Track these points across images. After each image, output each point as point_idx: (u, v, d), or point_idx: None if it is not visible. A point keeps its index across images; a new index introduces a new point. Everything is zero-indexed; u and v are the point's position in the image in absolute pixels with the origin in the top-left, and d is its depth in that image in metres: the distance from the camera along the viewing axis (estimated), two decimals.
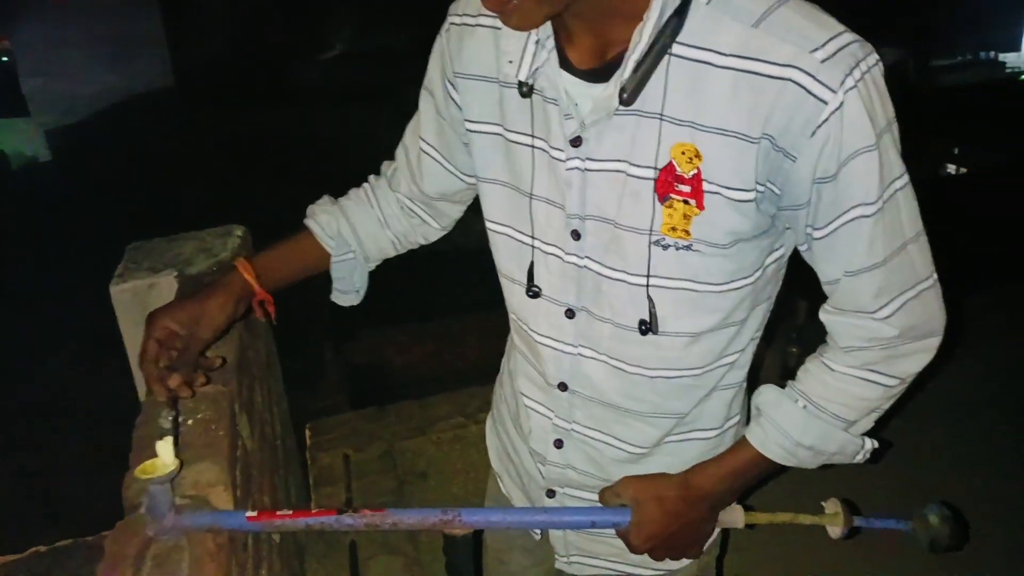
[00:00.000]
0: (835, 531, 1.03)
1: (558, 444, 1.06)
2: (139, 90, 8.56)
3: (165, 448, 0.91)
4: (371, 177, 1.20)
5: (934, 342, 0.89)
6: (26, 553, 2.06)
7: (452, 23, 0.97)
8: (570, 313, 0.96)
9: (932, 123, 4.66)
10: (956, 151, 4.80)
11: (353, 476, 2.53)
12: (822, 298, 0.91)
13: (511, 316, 1.08)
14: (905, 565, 2.05)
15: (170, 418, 0.94)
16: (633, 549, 0.99)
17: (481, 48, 0.93)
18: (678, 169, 0.80)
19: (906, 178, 0.81)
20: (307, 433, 2.67)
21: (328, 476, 2.53)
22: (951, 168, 4.82)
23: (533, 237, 0.96)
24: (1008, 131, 4.78)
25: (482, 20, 0.93)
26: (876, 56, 0.76)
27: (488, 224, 1.02)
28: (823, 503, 1.05)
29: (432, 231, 1.20)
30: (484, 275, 1.13)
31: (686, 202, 0.81)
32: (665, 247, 0.84)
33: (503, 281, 1.05)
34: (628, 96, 0.78)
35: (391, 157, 1.19)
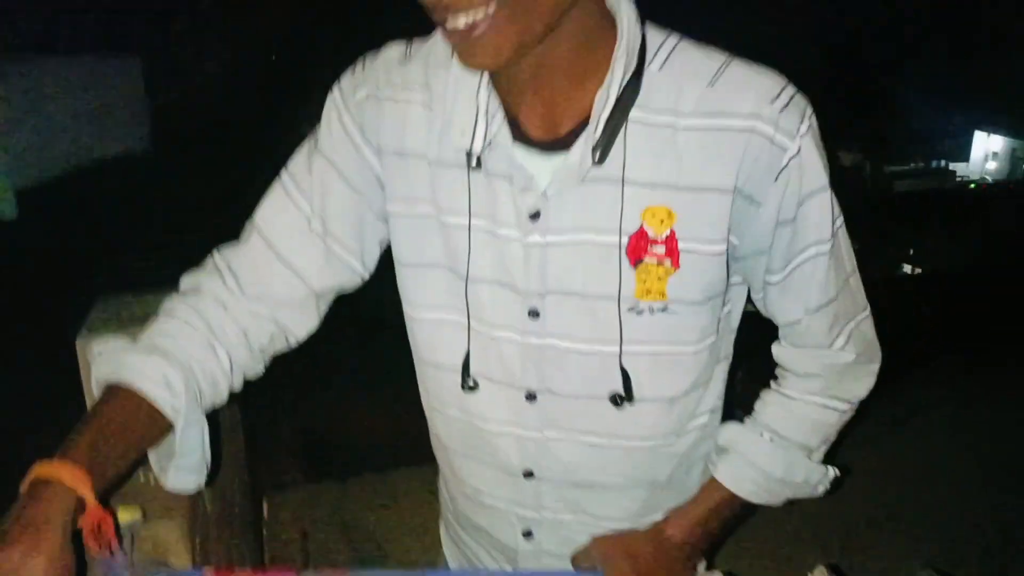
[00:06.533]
0: None
1: (527, 534, 1.02)
2: (115, 153, 8.58)
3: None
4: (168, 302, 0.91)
5: (876, 367, 0.96)
6: None
7: (371, 94, 0.87)
8: (531, 397, 0.91)
9: (888, 225, 4.90)
10: (911, 252, 5.06)
11: (311, 553, 2.45)
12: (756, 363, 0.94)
13: (447, 413, 0.98)
14: None
15: None
16: None
17: (412, 124, 0.86)
18: (650, 232, 0.81)
19: (842, 217, 0.87)
20: (264, 506, 2.60)
21: (284, 553, 2.45)
22: (907, 268, 5.06)
23: (469, 325, 0.89)
24: (958, 235, 5.04)
25: (412, 96, 0.86)
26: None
27: (414, 314, 0.93)
28: (809, 574, 1.04)
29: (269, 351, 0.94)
30: None
31: (660, 263, 0.82)
32: (639, 312, 0.84)
33: (431, 374, 0.96)
34: (600, 156, 0.78)
35: None
